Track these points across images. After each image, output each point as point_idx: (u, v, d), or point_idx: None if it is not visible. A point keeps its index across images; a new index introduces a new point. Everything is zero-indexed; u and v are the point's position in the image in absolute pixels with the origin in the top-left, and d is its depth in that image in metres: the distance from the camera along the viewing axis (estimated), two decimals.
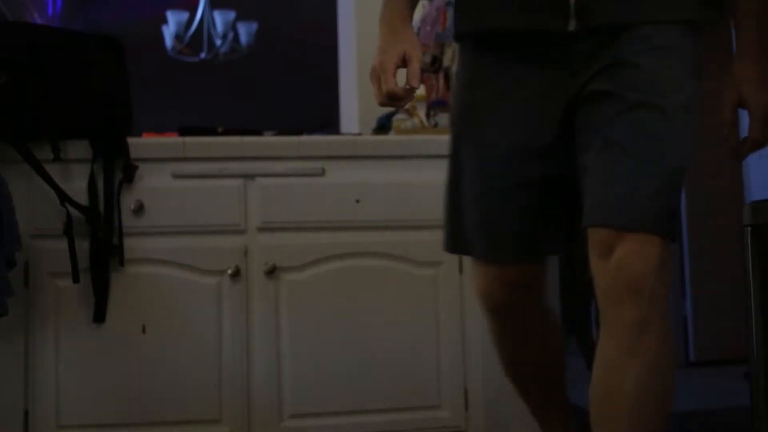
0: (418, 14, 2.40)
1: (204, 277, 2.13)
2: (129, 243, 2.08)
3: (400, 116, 2.45)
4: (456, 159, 1.49)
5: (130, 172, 2.09)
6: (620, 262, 1.26)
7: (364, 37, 2.92)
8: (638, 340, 1.27)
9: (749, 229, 1.63)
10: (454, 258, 2.14)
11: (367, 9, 2.66)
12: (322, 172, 2.18)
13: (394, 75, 1.39)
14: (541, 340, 1.57)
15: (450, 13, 2.52)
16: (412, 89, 1.39)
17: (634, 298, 1.26)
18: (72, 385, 2.05)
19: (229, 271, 2.12)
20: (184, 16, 5.54)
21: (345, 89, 3.32)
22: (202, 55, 5.79)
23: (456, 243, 1.51)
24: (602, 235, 1.28)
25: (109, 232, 2.06)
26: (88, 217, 2.05)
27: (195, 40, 5.69)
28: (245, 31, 5.78)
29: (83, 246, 2.05)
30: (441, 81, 2.60)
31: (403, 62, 1.40)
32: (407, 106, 2.43)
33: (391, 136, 2.43)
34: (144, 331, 2.09)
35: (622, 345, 1.28)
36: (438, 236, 1.56)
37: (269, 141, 2.23)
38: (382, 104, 1.41)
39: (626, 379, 1.27)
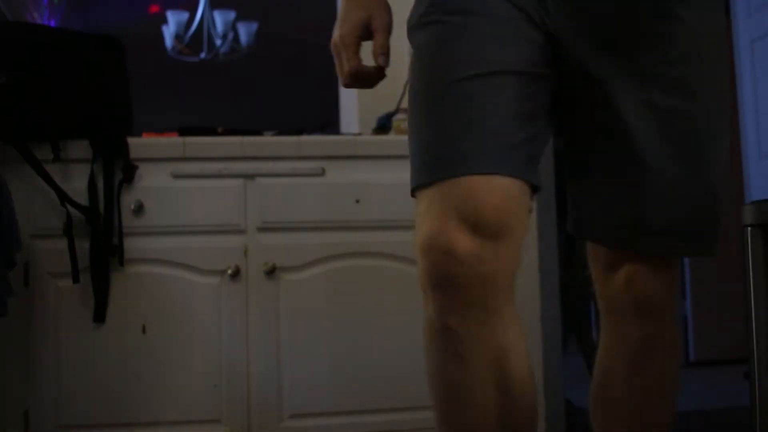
0: None
1: (204, 277, 2.13)
2: (129, 243, 2.09)
3: (400, 116, 2.45)
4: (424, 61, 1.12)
5: (130, 172, 2.09)
6: (629, 276, 1.17)
7: None
8: (647, 356, 1.22)
9: (749, 229, 1.62)
10: None
11: None
12: (322, 172, 2.18)
13: (357, 51, 1.18)
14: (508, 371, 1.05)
15: None
16: (381, 68, 1.18)
17: (643, 315, 1.20)
18: (72, 385, 2.05)
19: (229, 271, 2.12)
20: (184, 16, 5.54)
21: (345, 89, 3.31)
22: (202, 55, 5.78)
23: (418, 173, 1.13)
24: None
25: (109, 232, 2.06)
26: (88, 217, 2.05)
27: (195, 40, 5.68)
28: (245, 31, 5.77)
29: (83, 246, 2.05)
30: None
31: (370, 33, 1.19)
32: (406, 106, 2.42)
33: (391, 136, 2.43)
34: (144, 331, 2.09)
35: (629, 358, 1.23)
36: None
37: (269, 141, 2.23)
38: (347, 85, 1.20)
39: (632, 391, 1.24)
